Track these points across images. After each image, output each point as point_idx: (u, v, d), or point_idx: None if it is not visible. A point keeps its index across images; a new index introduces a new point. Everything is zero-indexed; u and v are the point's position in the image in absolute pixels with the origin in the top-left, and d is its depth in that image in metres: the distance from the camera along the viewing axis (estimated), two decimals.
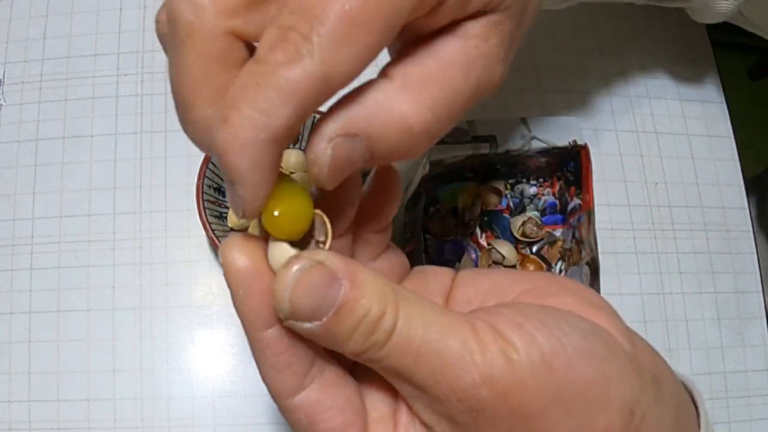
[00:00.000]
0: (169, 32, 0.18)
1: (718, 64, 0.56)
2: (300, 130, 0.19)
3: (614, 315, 0.22)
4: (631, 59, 0.55)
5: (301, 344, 0.20)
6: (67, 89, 0.51)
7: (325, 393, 0.20)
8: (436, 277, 0.25)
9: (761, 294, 0.52)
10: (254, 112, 0.17)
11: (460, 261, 0.47)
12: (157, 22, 0.19)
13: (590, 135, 0.52)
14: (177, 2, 0.18)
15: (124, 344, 0.46)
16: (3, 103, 0.50)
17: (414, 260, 0.43)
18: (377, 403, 0.22)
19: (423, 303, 0.20)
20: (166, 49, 0.19)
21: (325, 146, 0.18)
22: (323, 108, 0.19)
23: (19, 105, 0.50)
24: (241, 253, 0.19)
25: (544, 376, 0.19)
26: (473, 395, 0.18)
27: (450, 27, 0.20)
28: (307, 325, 0.18)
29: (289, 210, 0.19)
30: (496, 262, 0.47)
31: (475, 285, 0.24)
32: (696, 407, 0.23)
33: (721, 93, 0.55)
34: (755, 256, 0.52)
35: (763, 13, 0.43)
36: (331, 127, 0.18)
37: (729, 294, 0.51)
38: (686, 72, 0.56)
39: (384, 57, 0.20)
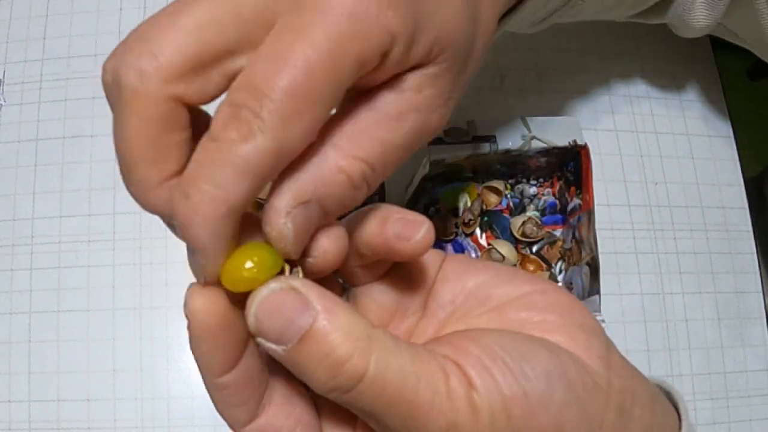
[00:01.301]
0: (114, 92, 0.19)
1: (718, 64, 0.56)
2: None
3: (595, 333, 0.22)
4: (631, 59, 0.55)
5: (255, 381, 0.21)
6: (67, 89, 0.51)
7: (276, 417, 0.21)
8: (423, 266, 0.24)
9: (761, 294, 0.52)
10: (213, 188, 0.17)
11: None
12: (104, 71, 0.19)
13: (590, 135, 0.52)
14: (122, 67, 0.18)
15: (124, 344, 0.46)
16: (3, 103, 0.50)
17: None
18: (336, 420, 0.22)
19: (399, 349, 0.20)
20: (110, 104, 0.19)
21: (284, 221, 0.19)
22: None
23: (19, 105, 0.50)
24: (207, 308, 0.19)
25: (503, 423, 0.19)
26: None
27: (390, 80, 0.20)
28: (273, 346, 0.19)
29: (261, 261, 0.19)
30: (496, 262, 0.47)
31: (461, 282, 0.24)
32: (679, 415, 0.24)
33: (721, 93, 0.55)
34: (755, 256, 0.52)
35: (744, 24, 0.43)
36: (285, 202, 0.19)
37: (729, 294, 0.51)
38: (686, 72, 0.56)
39: None
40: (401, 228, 0.21)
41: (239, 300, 0.19)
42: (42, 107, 0.50)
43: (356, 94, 0.21)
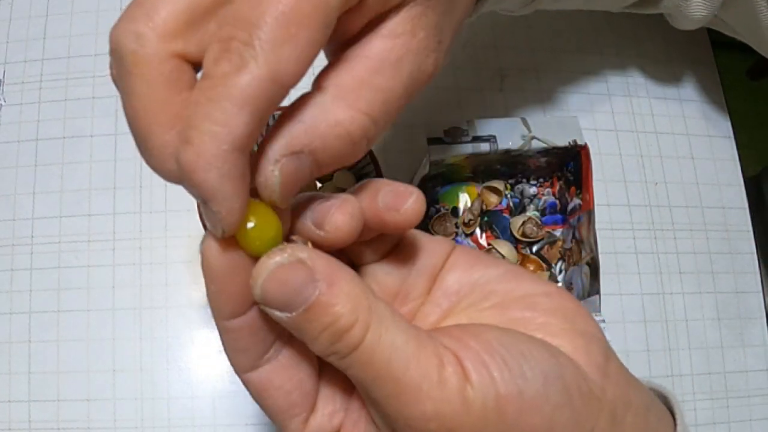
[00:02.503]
0: (116, 66, 0.18)
1: (718, 64, 0.56)
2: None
3: (595, 340, 0.22)
4: (631, 59, 0.55)
5: (261, 334, 0.21)
6: (67, 89, 0.51)
7: (277, 374, 0.21)
8: (430, 252, 0.24)
9: (761, 294, 0.52)
10: (212, 125, 0.17)
11: None
12: (109, 44, 0.19)
13: (590, 135, 0.52)
14: (119, 34, 0.18)
15: (124, 344, 0.46)
16: (3, 103, 0.50)
17: None
18: (333, 389, 0.23)
19: (397, 325, 0.20)
20: (117, 78, 0.19)
21: (272, 168, 0.19)
22: None
23: (19, 105, 0.50)
24: (219, 252, 0.20)
25: (494, 419, 0.19)
26: (422, 427, 0.19)
27: (376, 25, 0.20)
28: (278, 313, 0.19)
29: (263, 222, 0.19)
30: None
31: (469, 275, 0.24)
32: (674, 419, 0.24)
33: (721, 93, 0.55)
34: (755, 256, 0.52)
35: (741, 18, 0.43)
36: (275, 149, 0.19)
37: (729, 294, 0.51)
38: (686, 72, 0.56)
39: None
40: (391, 199, 0.21)
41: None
42: (42, 107, 0.50)
43: (346, 45, 0.20)
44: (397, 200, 0.21)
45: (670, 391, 0.25)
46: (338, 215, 0.20)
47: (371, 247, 0.23)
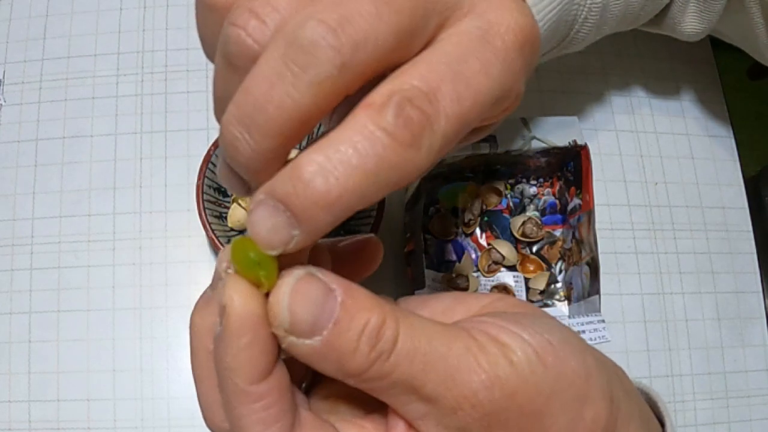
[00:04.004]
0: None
1: (718, 64, 0.56)
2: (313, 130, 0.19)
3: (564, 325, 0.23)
4: (631, 59, 0.55)
5: (289, 394, 0.19)
6: (67, 89, 0.51)
7: None
8: None
9: (761, 294, 0.52)
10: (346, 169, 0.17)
11: (460, 261, 0.47)
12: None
13: (590, 135, 0.52)
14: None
15: (124, 344, 0.46)
16: (3, 103, 0.50)
17: (414, 260, 0.43)
18: None
19: (417, 315, 0.20)
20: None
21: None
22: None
23: (19, 105, 0.50)
24: (247, 298, 0.18)
25: (542, 372, 0.19)
26: (486, 398, 0.18)
27: None
28: (308, 342, 0.18)
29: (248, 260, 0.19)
30: (496, 262, 0.47)
31: (428, 308, 0.24)
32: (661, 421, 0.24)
33: (721, 93, 0.55)
34: (755, 256, 0.52)
35: (737, 30, 0.43)
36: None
37: (729, 294, 0.51)
38: (686, 72, 0.56)
39: None
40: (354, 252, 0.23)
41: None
42: (42, 107, 0.50)
43: None
44: (360, 252, 0.22)
45: (657, 393, 0.25)
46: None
47: None
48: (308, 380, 0.23)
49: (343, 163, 0.17)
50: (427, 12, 0.18)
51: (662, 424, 0.24)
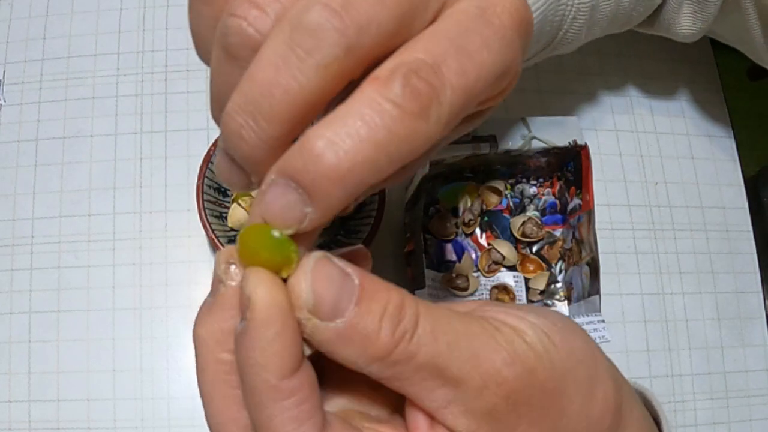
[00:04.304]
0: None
1: (718, 64, 0.56)
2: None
3: None
4: (631, 59, 0.55)
5: (318, 391, 0.19)
6: (67, 89, 0.51)
7: None
8: None
9: (761, 294, 0.52)
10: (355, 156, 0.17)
11: (460, 261, 0.47)
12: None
13: (590, 135, 0.52)
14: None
15: (124, 344, 0.46)
16: (3, 103, 0.50)
17: (414, 260, 0.43)
18: None
19: (427, 300, 0.20)
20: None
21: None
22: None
23: (19, 105, 0.50)
24: (271, 287, 0.18)
25: (554, 351, 0.19)
26: (511, 374, 0.18)
27: None
28: (332, 325, 0.17)
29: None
30: (496, 262, 0.47)
31: None
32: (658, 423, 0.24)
33: (721, 93, 0.55)
34: (755, 256, 0.52)
35: (733, 31, 0.43)
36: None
37: (729, 294, 0.51)
38: (686, 72, 0.56)
39: None
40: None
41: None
42: (42, 107, 0.50)
43: None
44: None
45: (652, 392, 0.25)
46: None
47: None
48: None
49: (352, 136, 0.17)
50: None
51: (657, 423, 0.24)
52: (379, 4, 0.17)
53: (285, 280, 0.18)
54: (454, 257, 0.47)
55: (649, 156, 0.53)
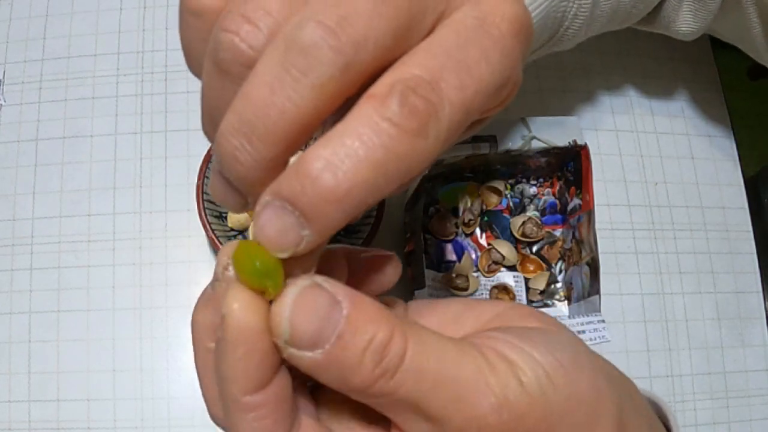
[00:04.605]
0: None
1: (718, 64, 0.56)
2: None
3: (577, 338, 0.23)
4: (631, 59, 0.55)
5: (286, 406, 0.19)
6: (67, 89, 0.51)
7: None
8: (392, 306, 0.24)
9: (761, 294, 0.52)
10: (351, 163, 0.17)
11: (460, 261, 0.47)
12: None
13: (590, 135, 0.52)
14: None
15: (124, 344, 0.46)
16: (3, 103, 0.50)
17: (414, 260, 0.43)
18: None
19: (428, 330, 0.19)
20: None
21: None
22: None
23: (19, 105, 0.50)
24: (246, 310, 0.17)
25: (551, 393, 0.19)
26: (495, 421, 0.18)
27: None
28: (309, 354, 0.17)
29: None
30: (496, 262, 0.47)
31: (437, 314, 0.23)
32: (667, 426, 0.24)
33: (721, 93, 0.55)
34: (755, 256, 0.52)
35: (733, 29, 0.43)
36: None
37: (729, 294, 0.51)
38: (686, 72, 0.56)
39: None
40: (371, 265, 0.22)
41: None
42: (42, 107, 0.50)
43: None
44: (377, 267, 0.22)
45: (665, 402, 0.25)
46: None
47: None
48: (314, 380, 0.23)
49: (351, 157, 0.16)
50: (423, 6, 0.18)
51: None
52: (375, 19, 0.17)
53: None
54: (454, 257, 0.47)
55: (649, 156, 0.53)
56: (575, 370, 0.19)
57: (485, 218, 0.49)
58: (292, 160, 0.18)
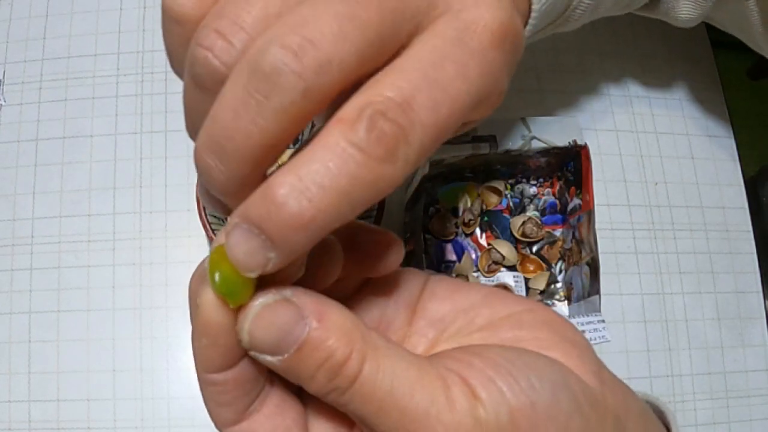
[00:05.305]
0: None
1: (718, 64, 0.56)
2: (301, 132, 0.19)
3: (587, 349, 0.22)
4: (630, 59, 0.55)
5: (247, 386, 0.20)
6: (67, 89, 0.51)
7: (262, 426, 0.20)
8: (405, 283, 0.24)
9: (761, 294, 0.52)
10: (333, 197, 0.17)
11: (460, 261, 0.47)
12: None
13: (590, 135, 0.52)
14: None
15: (124, 344, 0.46)
16: (3, 103, 0.50)
17: (414, 260, 0.43)
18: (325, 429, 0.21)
19: (395, 353, 0.19)
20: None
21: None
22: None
23: (19, 105, 0.50)
24: (215, 309, 0.18)
25: (510, 428, 0.18)
26: None
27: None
28: (269, 358, 0.18)
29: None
30: (496, 262, 0.47)
31: (451, 302, 0.23)
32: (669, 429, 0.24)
33: (721, 93, 0.55)
34: (755, 256, 0.52)
35: (731, 19, 0.43)
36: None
37: (729, 294, 0.51)
38: (686, 72, 0.56)
39: None
40: (372, 249, 0.22)
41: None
42: (42, 107, 0.50)
43: None
44: (379, 250, 0.22)
45: (665, 404, 0.25)
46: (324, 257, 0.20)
47: (344, 282, 0.23)
48: None
49: (316, 184, 0.16)
50: (395, 22, 0.18)
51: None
52: (341, 41, 0.17)
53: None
54: (454, 257, 0.47)
55: (649, 156, 0.53)
56: (548, 414, 0.19)
57: (485, 218, 0.49)
58: (271, 170, 0.18)
